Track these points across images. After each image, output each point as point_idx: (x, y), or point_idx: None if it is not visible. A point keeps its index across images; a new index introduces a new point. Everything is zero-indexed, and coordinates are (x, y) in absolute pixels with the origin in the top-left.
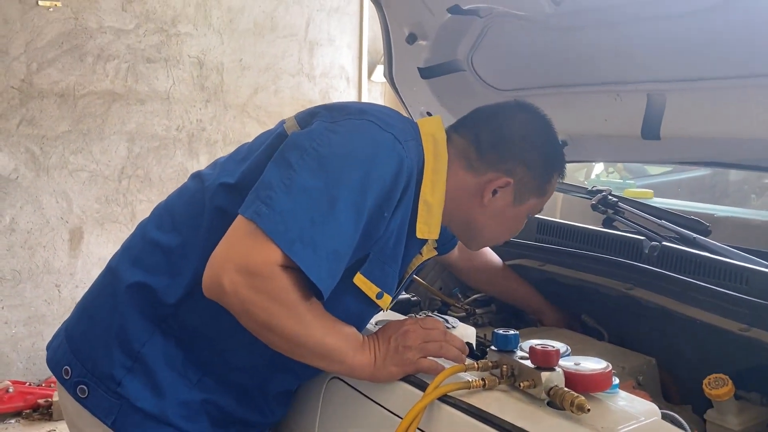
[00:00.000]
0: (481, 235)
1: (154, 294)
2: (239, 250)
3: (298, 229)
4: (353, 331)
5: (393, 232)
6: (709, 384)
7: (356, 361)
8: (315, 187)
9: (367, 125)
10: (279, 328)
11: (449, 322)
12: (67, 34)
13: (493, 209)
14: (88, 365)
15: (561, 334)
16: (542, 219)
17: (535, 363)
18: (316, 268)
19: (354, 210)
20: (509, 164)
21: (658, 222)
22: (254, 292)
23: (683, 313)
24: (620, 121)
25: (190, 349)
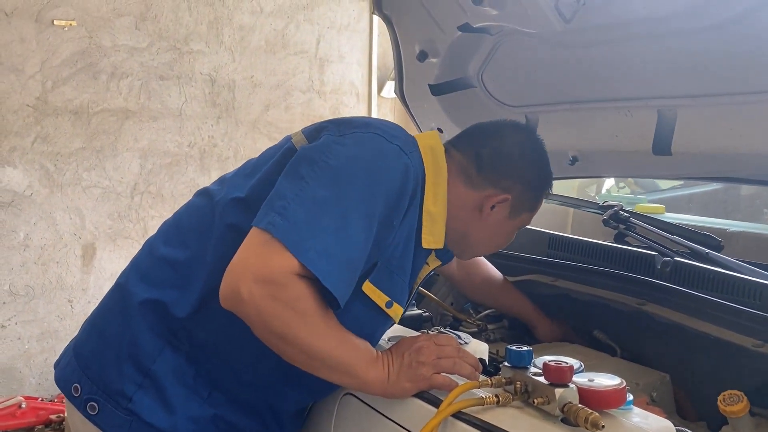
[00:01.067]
0: (475, 246)
1: (164, 309)
2: (256, 259)
3: (312, 238)
4: (367, 346)
5: (400, 242)
6: (723, 400)
7: (369, 376)
8: (327, 197)
9: (374, 137)
10: (293, 338)
11: (461, 338)
12: (81, 52)
13: (489, 223)
14: (99, 382)
15: (574, 351)
16: (553, 234)
17: (549, 379)
18: (331, 277)
19: (365, 219)
20: (508, 182)
21: (670, 237)
22: (271, 300)
23: (697, 328)
24: (631, 137)
25: (201, 364)
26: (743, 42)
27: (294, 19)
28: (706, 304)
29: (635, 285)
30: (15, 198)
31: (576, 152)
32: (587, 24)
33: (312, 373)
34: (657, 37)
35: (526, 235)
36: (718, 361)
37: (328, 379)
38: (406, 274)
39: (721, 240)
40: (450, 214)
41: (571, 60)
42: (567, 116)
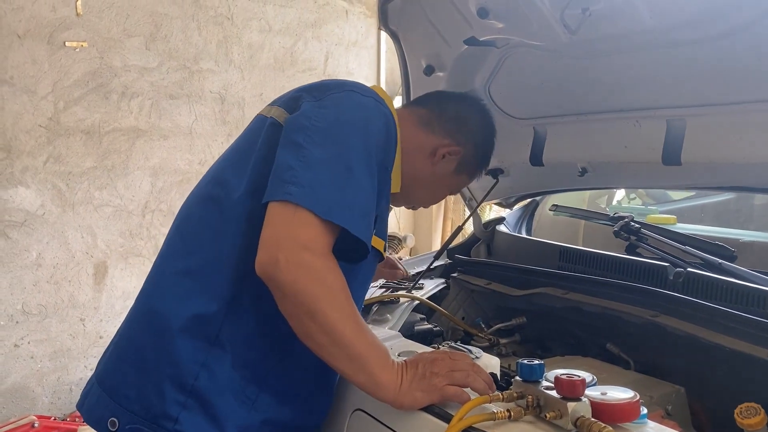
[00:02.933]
0: (420, 191)
1: (197, 320)
2: (289, 229)
3: (330, 195)
4: (386, 349)
5: (381, 194)
6: (740, 413)
7: (382, 378)
8: (329, 156)
9: (350, 94)
10: (322, 315)
11: (473, 352)
12: (92, 73)
13: (437, 171)
14: (139, 411)
15: (586, 364)
16: (564, 246)
17: (561, 393)
18: (357, 225)
19: (367, 170)
20: (462, 138)
21: (682, 248)
22: (306, 268)
23: (711, 340)
24: (640, 148)
25: (245, 367)
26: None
27: (302, 36)
28: (721, 315)
29: (648, 297)
30: (27, 217)
31: (585, 164)
32: (593, 35)
33: (329, 361)
34: (664, 47)
35: (537, 247)
36: (733, 372)
37: (343, 372)
38: (387, 216)
39: (735, 250)
40: (405, 157)
41: (578, 71)
42: (575, 128)
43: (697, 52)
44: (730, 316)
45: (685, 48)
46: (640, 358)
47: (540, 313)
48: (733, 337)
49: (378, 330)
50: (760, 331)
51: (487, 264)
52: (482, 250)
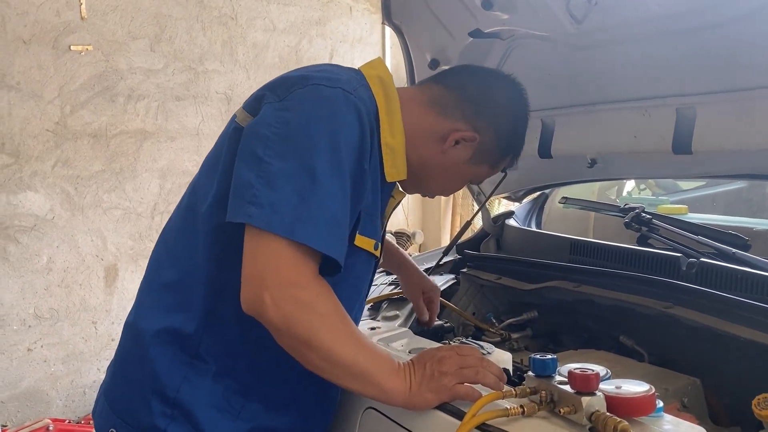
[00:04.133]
0: (430, 180)
1: (176, 334)
2: (269, 264)
3: (291, 211)
4: (389, 356)
5: (369, 188)
6: (758, 404)
7: (391, 385)
8: (290, 169)
9: (314, 89)
10: (317, 344)
11: (484, 348)
12: (98, 76)
13: (448, 159)
14: (132, 422)
15: (600, 357)
16: (575, 239)
17: (575, 388)
18: (323, 240)
19: (335, 173)
20: (482, 122)
21: (694, 238)
22: (294, 303)
23: (727, 330)
24: (650, 137)
25: (229, 378)
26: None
27: (307, 34)
28: (736, 305)
29: (661, 288)
30: (37, 222)
31: (595, 155)
32: (600, 24)
33: (334, 382)
34: (672, 35)
35: (547, 240)
36: (750, 363)
37: (350, 389)
38: (378, 212)
39: (748, 239)
40: (412, 141)
41: (585, 61)
42: (584, 118)
43: (705, 39)
44: (745, 306)
45: (692, 35)
46: (655, 350)
47: (551, 306)
48: (749, 326)
49: (388, 327)
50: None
51: (497, 258)
52: (491, 245)
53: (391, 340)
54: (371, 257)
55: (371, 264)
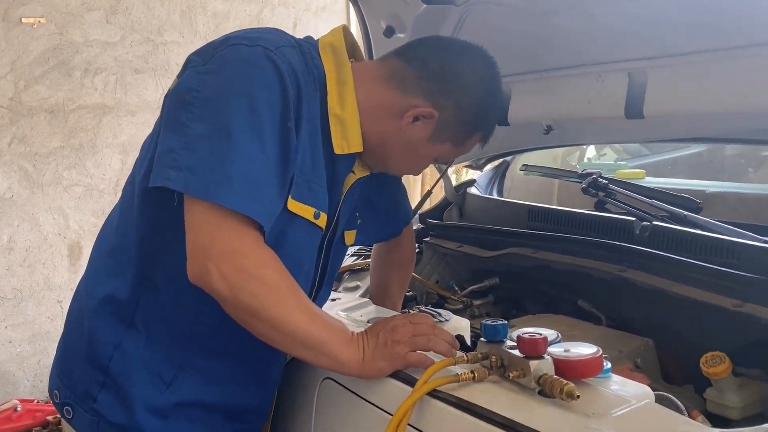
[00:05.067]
0: (389, 159)
1: (112, 300)
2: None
3: (207, 173)
4: (341, 326)
5: (307, 148)
6: (706, 362)
7: (344, 355)
8: (208, 130)
9: (234, 49)
10: (265, 313)
11: (442, 315)
12: (53, 49)
13: (407, 136)
14: (70, 386)
15: (558, 321)
16: (533, 206)
17: (524, 352)
18: (239, 201)
19: (253, 132)
20: (442, 99)
21: (649, 202)
22: (238, 272)
23: (677, 292)
24: (603, 103)
25: (162, 347)
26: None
27: (269, 3)
28: (686, 267)
29: (614, 252)
30: None
31: (550, 121)
32: None
33: (286, 351)
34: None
35: (506, 208)
36: (700, 323)
37: (302, 358)
38: (322, 182)
39: (700, 201)
40: (368, 115)
41: (539, 28)
42: (539, 85)
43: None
44: (694, 268)
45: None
46: (611, 313)
47: (512, 273)
48: (698, 287)
49: (349, 297)
50: (724, 281)
51: (458, 227)
52: (454, 214)
53: (352, 311)
54: (314, 228)
55: (315, 236)
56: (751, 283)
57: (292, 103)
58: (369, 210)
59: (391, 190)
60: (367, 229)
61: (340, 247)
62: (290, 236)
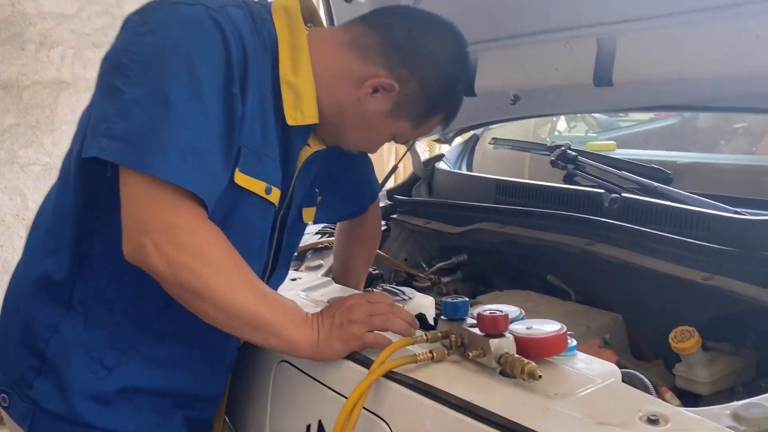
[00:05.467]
0: (343, 131)
1: (49, 280)
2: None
3: (142, 141)
4: (294, 305)
5: (255, 117)
6: (675, 337)
7: (297, 337)
8: (144, 95)
9: (173, 9)
10: (209, 293)
11: (405, 293)
12: (4, 21)
13: (365, 109)
14: (6, 372)
15: (526, 297)
16: (501, 179)
17: (484, 330)
18: (176, 171)
19: (193, 97)
20: (404, 72)
21: (618, 173)
22: (178, 249)
23: (645, 265)
24: (571, 70)
25: (103, 330)
26: None
27: None
28: (655, 239)
29: (582, 225)
30: None
31: (517, 91)
32: None
33: (234, 334)
34: None
35: (474, 182)
36: (669, 297)
37: (252, 341)
38: (274, 155)
39: (671, 172)
40: (324, 84)
41: None
42: (505, 53)
43: None
44: (663, 240)
45: None
46: (580, 288)
47: (480, 249)
48: (668, 261)
49: (310, 277)
50: (692, 253)
51: (426, 203)
52: (423, 189)
53: (312, 290)
54: (265, 205)
55: (266, 212)
56: (721, 255)
57: (237, 67)
58: (331, 186)
59: (357, 165)
60: (329, 207)
61: (297, 225)
62: (239, 213)
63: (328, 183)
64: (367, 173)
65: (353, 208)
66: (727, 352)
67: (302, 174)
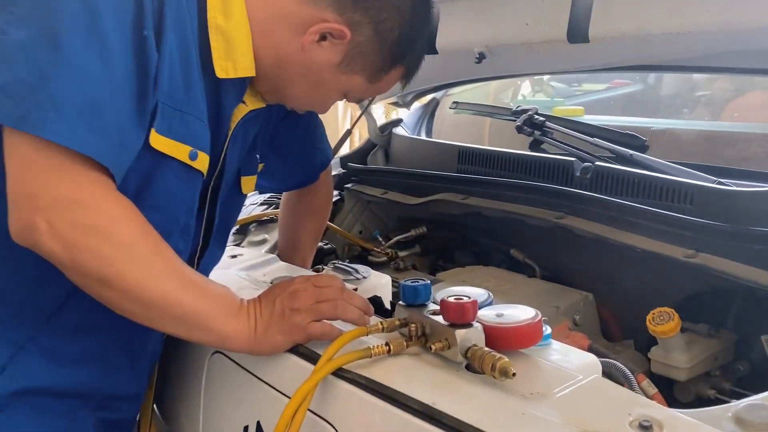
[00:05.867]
0: (284, 86)
1: None
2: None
3: (27, 95)
4: (226, 292)
5: (176, 68)
6: (653, 320)
7: (229, 328)
8: (30, 37)
9: None
10: (117, 279)
11: (359, 271)
12: None
13: (310, 59)
14: None
15: (488, 274)
16: (463, 146)
17: (448, 319)
18: (71, 132)
19: (91, 39)
20: (359, 16)
21: (590, 141)
22: (78, 228)
23: (621, 241)
24: (543, 24)
25: None
26: None
27: None
28: (632, 212)
29: (552, 196)
30: None
31: (483, 48)
32: None
33: (151, 326)
34: None
35: (434, 149)
36: (645, 275)
37: (176, 335)
38: (201, 113)
39: (647, 139)
40: (262, 29)
41: None
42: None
43: None
44: (641, 213)
45: None
46: (546, 263)
47: (441, 221)
48: (645, 236)
49: (252, 254)
50: (674, 227)
51: (383, 171)
52: (379, 157)
53: (254, 269)
54: (191, 172)
55: (192, 182)
56: (706, 231)
57: (150, 5)
58: (276, 151)
59: (305, 128)
60: (273, 175)
61: (234, 196)
62: (157, 183)
63: (272, 147)
64: (317, 137)
65: (301, 176)
66: (705, 334)
67: (236, 136)
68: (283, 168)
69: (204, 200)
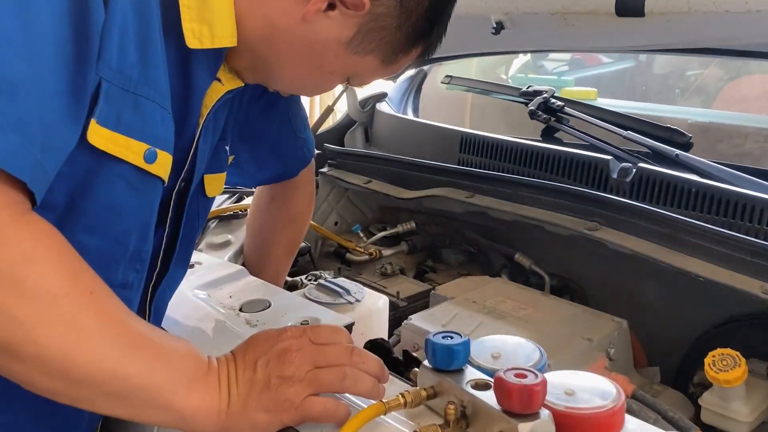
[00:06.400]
0: (273, 64)
1: None
2: None
3: None
4: (187, 350)
5: (129, 34)
6: (713, 364)
7: (194, 404)
8: None
9: None
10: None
11: (351, 292)
12: None
13: (311, 34)
14: None
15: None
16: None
17: (507, 406)
18: None
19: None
20: None
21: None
22: None
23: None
24: None
25: None
26: None
27: None
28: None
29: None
30: None
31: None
32: None
33: (85, 409)
34: None
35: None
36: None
37: (114, 415)
38: (162, 97)
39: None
40: None
41: None
42: None
43: None
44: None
45: None
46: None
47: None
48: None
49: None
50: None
51: (367, 156)
52: (358, 136)
53: (217, 285)
54: (146, 180)
55: (148, 192)
56: None
57: None
58: (245, 139)
59: (284, 112)
60: (244, 167)
61: (200, 202)
62: (98, 194)
63: (241, 135)
64: (297, 125)
65: (276, 168)
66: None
67: (208, 125)
68: (253, 158)
69: (165, 213)
